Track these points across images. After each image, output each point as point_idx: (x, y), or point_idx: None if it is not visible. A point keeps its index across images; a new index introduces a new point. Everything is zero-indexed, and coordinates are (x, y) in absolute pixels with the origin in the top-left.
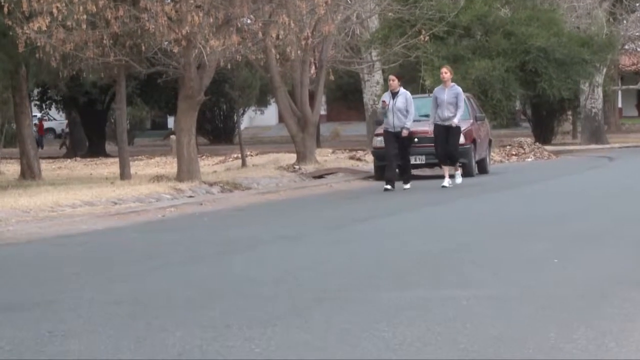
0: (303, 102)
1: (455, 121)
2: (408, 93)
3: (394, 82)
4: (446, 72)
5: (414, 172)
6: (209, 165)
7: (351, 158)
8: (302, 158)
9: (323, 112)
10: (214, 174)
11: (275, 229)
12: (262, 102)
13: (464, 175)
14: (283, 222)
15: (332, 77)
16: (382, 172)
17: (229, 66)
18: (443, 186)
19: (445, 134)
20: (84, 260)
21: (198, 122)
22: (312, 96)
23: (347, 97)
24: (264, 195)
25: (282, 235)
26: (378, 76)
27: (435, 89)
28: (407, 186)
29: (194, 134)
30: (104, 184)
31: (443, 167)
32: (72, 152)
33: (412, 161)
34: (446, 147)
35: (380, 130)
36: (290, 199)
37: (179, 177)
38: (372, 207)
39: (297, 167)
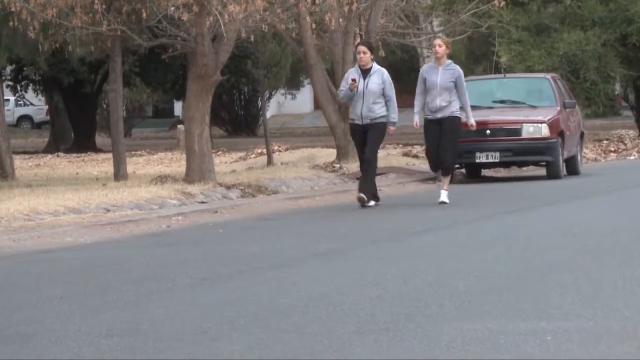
0: None
1: (472, 122)
2: (385, 71)
3: (365, 55)
4: (440, 46)
5: (485, 172)
6: (226, 163)
7: (405, 155)
8: (343, 154)
9: None
10: (233, 174)
11: (309, 243)
12: (293, 84)
13: (548, 176)
14: (319, 234)
15: (382, 53)
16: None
17: (252, 38)
18: (442, 202)
19: (439, 131)
20: (69, 282)
21: (213, 109)
22: None
23: (400, 78)
24: (295, 201)
25: (317, 251)
26: None
27: (424, 67)
28: (359, 200)
29: (207, 124)
30: (94, 186)
31: (440, 175)
32: (54, 145)
33: (485, 159)
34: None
35: None
36: (329, 206)
37: (188, 178)
38: (431, 217)
39: (337, 165)
